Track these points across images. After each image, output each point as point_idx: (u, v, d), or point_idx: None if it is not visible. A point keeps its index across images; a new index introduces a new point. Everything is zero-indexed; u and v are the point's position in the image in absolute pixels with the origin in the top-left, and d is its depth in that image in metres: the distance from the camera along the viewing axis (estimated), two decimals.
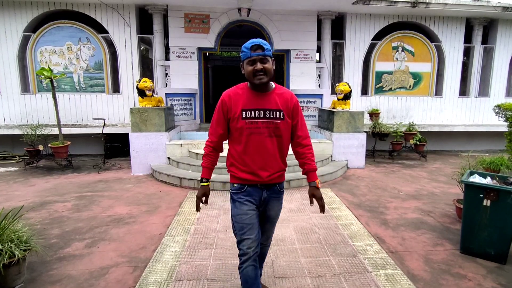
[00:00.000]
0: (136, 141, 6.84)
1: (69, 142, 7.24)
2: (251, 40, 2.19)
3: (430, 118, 10.43)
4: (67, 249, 3.64)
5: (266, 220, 2.53)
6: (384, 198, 5.45)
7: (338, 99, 7.89)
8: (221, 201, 5.11)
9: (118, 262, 3.35)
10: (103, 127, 7.57)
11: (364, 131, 7.72)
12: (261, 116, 2.24)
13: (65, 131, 8.14)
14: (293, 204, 5.03)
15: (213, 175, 5.96)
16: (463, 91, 10.69)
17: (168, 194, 5.53)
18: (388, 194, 5.67)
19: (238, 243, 2.33)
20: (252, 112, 2.23)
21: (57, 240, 3.85)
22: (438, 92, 10.44)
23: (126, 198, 5.34)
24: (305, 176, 2.62)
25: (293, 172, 6.29)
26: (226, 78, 20.54)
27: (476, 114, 10.61)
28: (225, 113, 2.30)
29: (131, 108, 6.86)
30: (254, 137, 2.24)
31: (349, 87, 7.79)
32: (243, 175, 2.31)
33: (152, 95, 7.32)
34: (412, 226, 4.31)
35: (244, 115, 2.23)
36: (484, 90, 10.64)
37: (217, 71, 20.57)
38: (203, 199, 2.46)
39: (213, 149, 2.44)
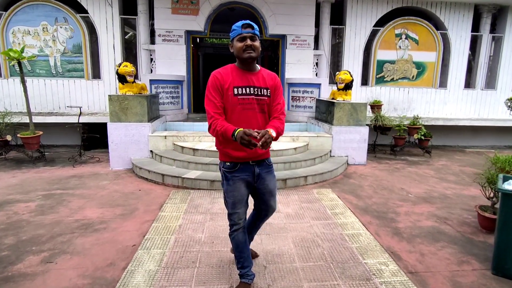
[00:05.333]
0: (115, 132, 6.14)
1: (40, 132, 6.49)
2: (241, 21, 2.31)
3: (433, 111, 9.86)
4: (18, 265, 2.97)
5: (268, 194, 2.57)
6: (392, 201, 4.85)
7: (339, 89, 7.25)
8: (207, 203, 4.46)
9: (78, 284, 2.70)
10: (79, 116, 6.83)
11: (366, 124, 7.11)
12: (252, 92, 2.33)
13: (39, 119, 7.43)
14: (291, 207, 4.40)
15: (199, 172, 5.33)
16: (469, 83, 10.12)
17: (148, 193, 4.87)
18: (396, 196, 5.08)
19: (230, 215, 2.50)
20: (244, 89, 2.32)
21: (8, 253, 3.18)
22: (443, 83, 9.85)
23: (99, 197, 4.66)
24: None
25: (289, 169, 5.66)
26: (217, 66, 19.73)
27: (482, 107, 10.06)
28: (219, 87, 2.30)
29: (109, 95, 6.13)
30: (246, 112, 2.32)
31: (351, 76, 7.16)
32: (236, 154, 2.35)
33: (134, 81, 6.60)
34: (429, 237, 3.72)
35: (236, 92, 2.30)
36: (490, 83, 10.09)
37: (208, 59, 19.74)
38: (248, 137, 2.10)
39: (221, 117, 2.32)
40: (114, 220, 3.91)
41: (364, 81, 9.66)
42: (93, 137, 7.52)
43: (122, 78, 6.45)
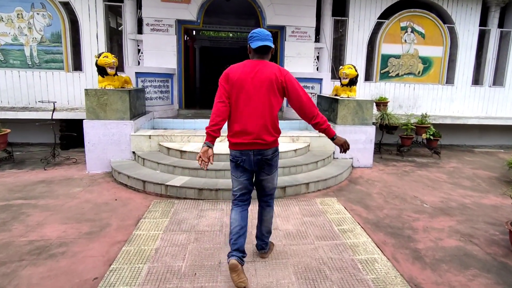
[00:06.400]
0: (92, 131, 5.45)
1: (8, 130, 5.78)
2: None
3: (439, 109, 9.27)
4: None
5: None
6: (407, 212, 4.23)
7: (342, 85, 6.62)
8: (193, 218, 3.80)
9: None
10: (53, 112, 6.12)
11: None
12: None
13: (11, 115, 6.75)
14: (291, 223, 3.75)
15: (186, 178, 4.62)
16: (476, 79, 9.53)
17: (125, 204, 4.19)
18: (409, 206, 4.46)
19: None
20: None
21: None
22: (449, 80, 9.25)
23: (66, 209, 3.98)
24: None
25: (288, 174, 5.01)
26: (216, 60, 19.02)
27: (490, 105, 9.49)
28: None
29: (85, 90, 5.43)
30: None
31: (356, 70, 6.52)
32: None
33: (116, 74, 5.91)
34: (455, 261, 3.10)
35: None
36: (498, 79, 9.51)
37: (205, 52, 18.96)
38: None
39: None
40: (77, 241, 3.24)
41: (368, 76, 9.04)
42: (70, 136, 6.81)
43: (102, 70, 5.76)
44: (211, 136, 2.55)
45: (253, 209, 3.05)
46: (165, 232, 3.38)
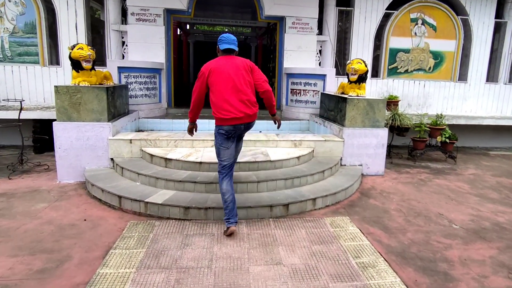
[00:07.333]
0: (64, 135, 4.68)
1: None
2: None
3: (451, 108, 8.59)
4: None
5: None
6: (435, 236, 3.52)
7: (350, 82, 5.91)
8: (176, 246, 3.06)
9: None
10: (20, 111, 5.35)
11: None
12: None
13: None
14: (297, 254, 3.02)
15: (170, 193, 3.60)
16: (491, 76, 8.86)
17: (95, 226, 3.45)
18: (436, 228, 3.75)
19: None
20: None
21: None
22: (462, 76, 8.58)
23: (21, 235, 3.22)
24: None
25: (291, 187, 4.28)
26: (209, 56, 18.25)
27: (505, 104, 8.85)
28: None
29: (55, 87, 4.65)
30: None
31: (366, 66, 5.82)
32: None
33: (93, 69, 5.16)
34: None
35: None
36: None
37: (199, 47, 18.15)
38: None
39: None
40: (24, 285, 2.48)
41: (375, 73, 8.33)
42: (42, 139, 6.05)
43: (76, 64, 5.01)
44: (195, 119, 3.55)
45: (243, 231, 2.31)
46: (138, 270, 2.64)
